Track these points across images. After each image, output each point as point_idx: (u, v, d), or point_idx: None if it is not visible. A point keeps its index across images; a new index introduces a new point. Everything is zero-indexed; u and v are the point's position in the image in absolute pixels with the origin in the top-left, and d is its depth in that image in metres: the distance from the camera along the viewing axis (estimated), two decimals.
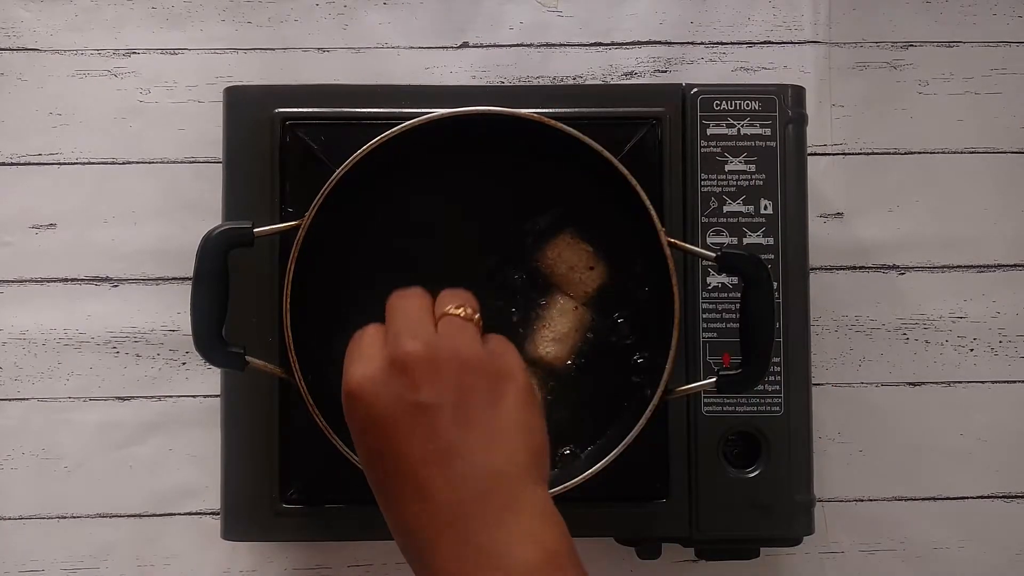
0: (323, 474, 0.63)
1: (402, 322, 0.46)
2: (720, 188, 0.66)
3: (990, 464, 0.75)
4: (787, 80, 0.73)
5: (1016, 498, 0.74)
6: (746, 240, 0.66)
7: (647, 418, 0.58)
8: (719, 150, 0.66)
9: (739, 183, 0.66)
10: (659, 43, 0.77)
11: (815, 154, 0.75)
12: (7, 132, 0.75)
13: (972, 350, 0.75)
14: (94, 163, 0.75)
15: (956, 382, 0.75)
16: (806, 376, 0.67)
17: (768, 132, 0.66)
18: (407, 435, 0.44)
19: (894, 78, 0.77)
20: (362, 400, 0.45)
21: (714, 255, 0.58)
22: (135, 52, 0.76)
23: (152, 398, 0.73)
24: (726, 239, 0.66)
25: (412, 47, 0.77)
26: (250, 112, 0.66)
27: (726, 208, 0.66)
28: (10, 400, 0.73)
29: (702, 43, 0.77)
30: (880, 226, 0.76)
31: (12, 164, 0.74)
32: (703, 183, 0.66)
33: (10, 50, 0.75)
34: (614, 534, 0.68)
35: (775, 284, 0.64)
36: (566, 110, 0.65)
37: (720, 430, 0.65)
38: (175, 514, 0.73)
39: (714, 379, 0.58)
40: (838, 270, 0.75)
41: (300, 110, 0.65)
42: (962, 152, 0.76)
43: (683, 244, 0.60)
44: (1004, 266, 0.76)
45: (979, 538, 0.74)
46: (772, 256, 0.66)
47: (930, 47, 0.77)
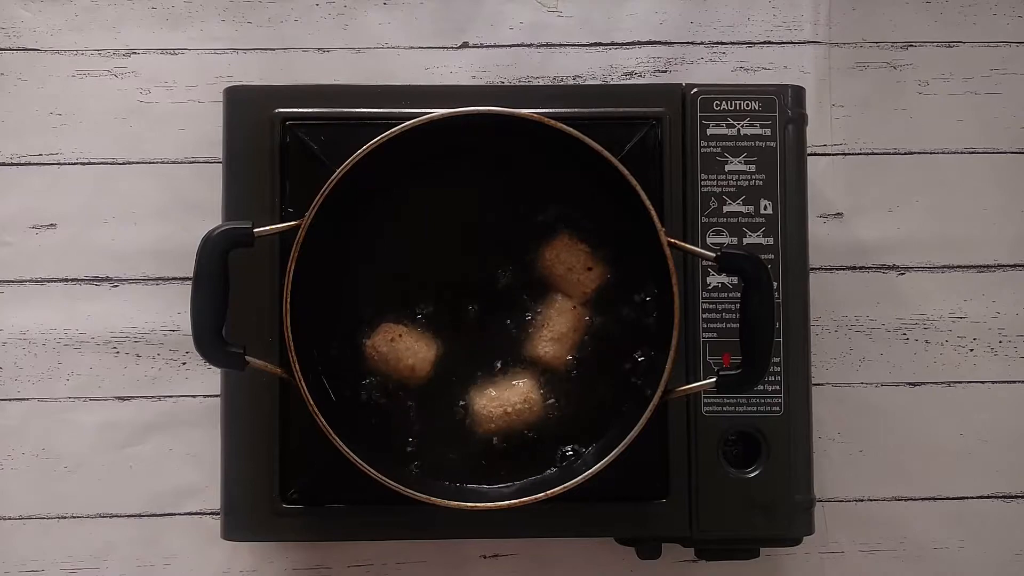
0: (323, 474, 0.63)
1: None
2: (720, 188, 0.66)
3: (990, 464, 0.75)
4: (787, 80, 0.73)
5: (1016, 498, 0.74)
6: (746, 240, 0.66)
7: (647, 418, 0.58)
8: (719, 150, 0.66)
9: (739, 183, 0.66)
10: (659, 43, 0.77)
11: (815, 154, 0.75)
12: (7, 132, 0.75)
13: (972, 350, 0.75)
14: (94, 163, 0.75)
15: (956, 382, 0.75)
16: (806, 376, 0.67)
17: (768, 132, 0.66)
18: None
19: (894, 78, 0.77)
20: None
21: (714, 255, 0.58)
22: (135, 52, 0.76)
23: (152, 398, 0.73)
24: (726, 239, 0.66)
25: (412, 47, 0.77)
26: (250, 112, 0.66)
27: (726, 208, 0.66)
28: (10, 400, 0.73)
29: (702, 43, 0.77)
30: (880, 226, 0.76)
31: (12, 164, 0.74)
32: (703, 183, 0.66)
33: (10, 50, 0.75)
34: (614, 534, 0.68)
35: (775, 284, 0.64)
36: (566, 110, 0.65)
37: (720, 430, 0.65)
38: (175, 514, 0.73)
39: (714, 379, 0.58)
40: (838, 270, 0.75)
41: (300, 110, 0.65)
42: (962, 152, 0.76)
43: (683, 244, 0.60)
44: (1004, 266, 0.76)
45: (979, 538, 0.74)
46: (772, 256, 0.66)
47: (930, 47, 0.77)
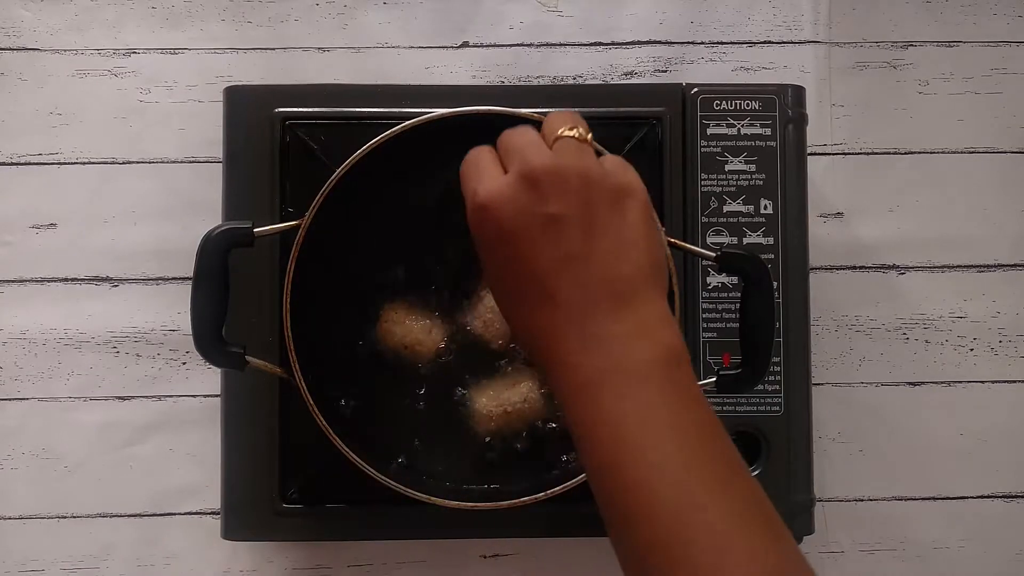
0: (323, 474, 0.63)
1: (523, 142, 0.47)
2: (720, 188, 0.66)
3: (990, 464, 0.74)
4: (787, 80, 0.73)
5: (1016, 498, 0.74)
6: (746, 240, 0.66)
7: None
8: (719, 150, 0.66)
9: (739, 183, 0.66)
10: (659, 43, 0.77)
11: (815, 154, 0.75)
12: (7, 132, 0.75)
13: (972, 350, 0.75)
14: (94, 163, 0.75)
15: (956, 382, 0.75)
16: (806, 376, 0.67)
17: (768, 132, 0.66)
18: (537, 245, 0.45)
19: (894, 78, 0.77)
20: (493, 213, 0.46)
21: (714, 255, 0.58)
22: (135, 52, 0.76)
23: (152, 398, 0.73)
24: (726, 239, 0.66)
25: (412, 47, 0.76)
26: (250, 112, 0.66)
27: (726, 208, 0.66)
28: (10, 400, 0.73)
29: (702, 43, 0.77)
30: (880, 226, 0.76)
31: (12, 164, 0.74)
32: (703, 183, 0.66)
33: (10, 50, 0.75)
34: None
35: (775, 284, 0.64)
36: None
37: None
38: (175, 514, 0.73)
39: (714, 379, 0.58)
40: (838, 270, 0.75)
41: (300, 110, 0.65)
42: (962, 152, 0.76)
43: (683, 244, 0.60)
44: (1004, 266, 0.76)
45: (979, 538, 0.74)
46: (772, 256, 0.66)
47: (930, 47, 0.77)
